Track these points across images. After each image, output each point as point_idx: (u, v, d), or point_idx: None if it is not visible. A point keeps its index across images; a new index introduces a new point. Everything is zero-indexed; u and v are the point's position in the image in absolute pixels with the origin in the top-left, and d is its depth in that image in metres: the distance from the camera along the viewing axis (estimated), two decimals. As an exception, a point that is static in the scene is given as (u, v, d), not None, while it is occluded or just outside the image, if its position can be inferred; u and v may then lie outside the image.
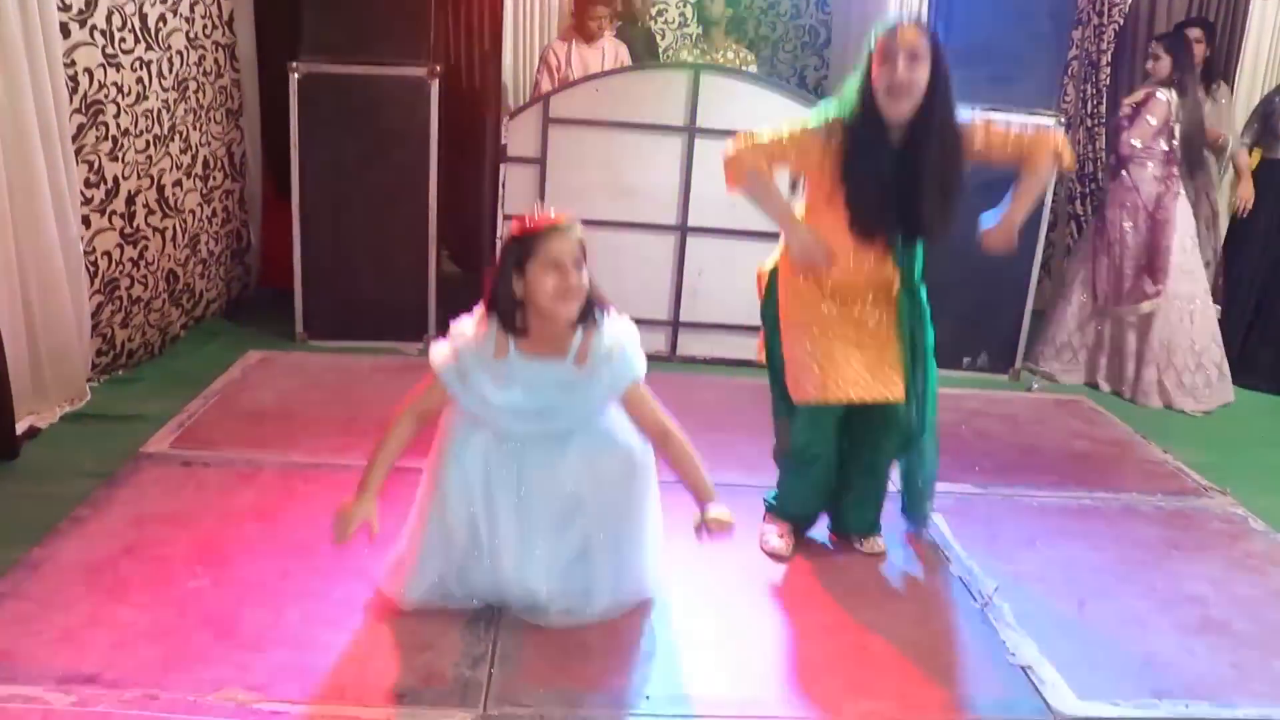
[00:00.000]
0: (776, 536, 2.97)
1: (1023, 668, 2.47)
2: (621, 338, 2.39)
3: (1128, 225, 4.66)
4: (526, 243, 2.27)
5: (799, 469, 2.94)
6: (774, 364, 2.91)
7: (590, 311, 2.34)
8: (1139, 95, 4.69)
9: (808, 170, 2.71)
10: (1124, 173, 4.66)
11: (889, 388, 2.73)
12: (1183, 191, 4.66)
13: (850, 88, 2.62)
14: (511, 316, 2.31)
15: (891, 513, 3.08)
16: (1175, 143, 4.60)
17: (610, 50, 5.22)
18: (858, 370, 2.71)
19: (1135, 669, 2.51)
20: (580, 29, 5.17)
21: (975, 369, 4.79)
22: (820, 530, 3.09)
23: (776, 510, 3.03)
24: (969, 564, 2.95)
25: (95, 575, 2.54)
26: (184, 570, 2.59)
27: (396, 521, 2.53)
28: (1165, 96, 4.55)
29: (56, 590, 2.47)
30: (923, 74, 2.51)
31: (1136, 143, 4.60)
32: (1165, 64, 4.58)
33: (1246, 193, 4.93)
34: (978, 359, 4.79)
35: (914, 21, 2.56)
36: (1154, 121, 4.56)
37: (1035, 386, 4.75)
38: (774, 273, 2.85)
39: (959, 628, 2.64)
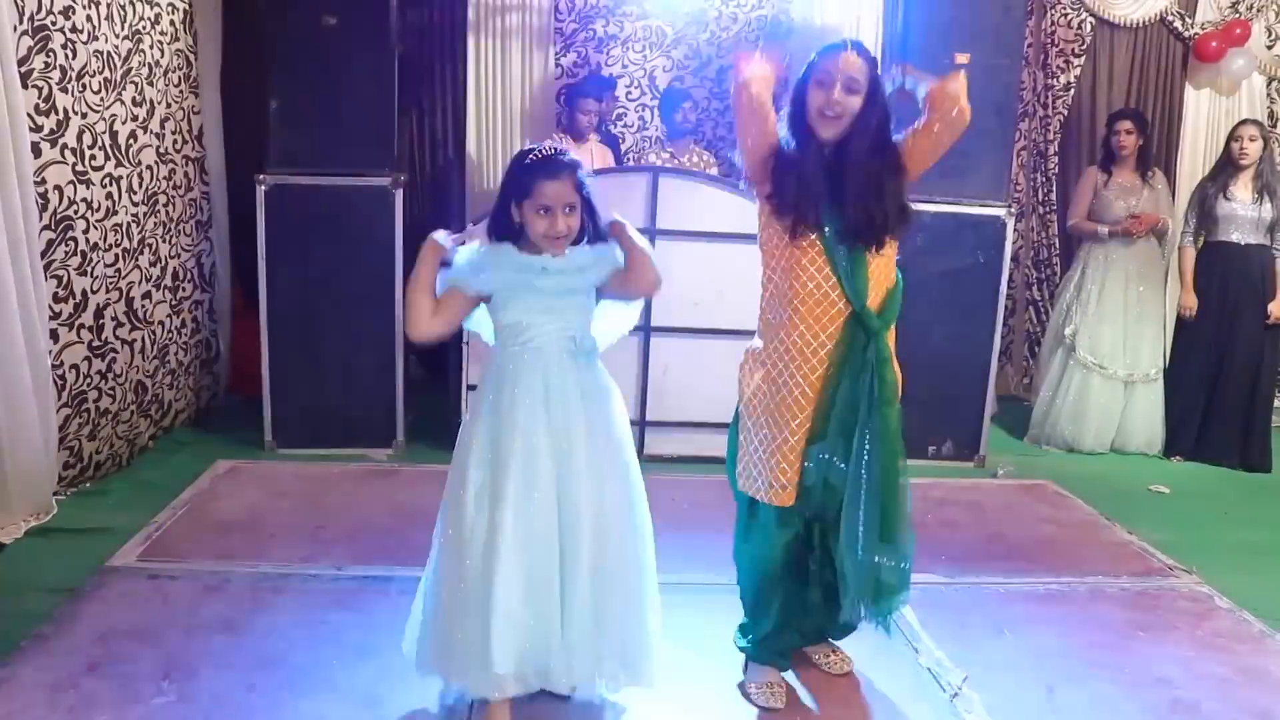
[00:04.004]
0: (768, 692, 2.66)
1: (994, 758, 2.47)
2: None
3: None
4: (522, 181, 2.34)
5: (764, 579, 2.65)
6: (732, 447, 2.70)
7: (583, 236, 2.40)
8: None
9: (758, 179, 2.53)
10: None
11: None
12: None
13: (783, 110, 2.49)
14: (510, 236, 2.40)
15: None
16: None
17: (598, 153, 5.23)
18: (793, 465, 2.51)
19: (1106, 755, 2.52)
20: (570, 127, 5.18)
21: (940, 458, 4.84)
22: None
23: (754, 655, 2.73)
24: (938, 655, 2.95)
25: (58, 694, 2.50)
26: (149, 686, 2.56)
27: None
28: None
29: (18, 711, 2.43)
30: (856, 102, 2.41)
31: None
32: None
33: (1190, 302, 5.10)
34: (942, 448, 4.85)
35: (857, 49, 2.42)
36: None
37: (1001, 472, 4.80)
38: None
39: (930, 720, 2.64)
